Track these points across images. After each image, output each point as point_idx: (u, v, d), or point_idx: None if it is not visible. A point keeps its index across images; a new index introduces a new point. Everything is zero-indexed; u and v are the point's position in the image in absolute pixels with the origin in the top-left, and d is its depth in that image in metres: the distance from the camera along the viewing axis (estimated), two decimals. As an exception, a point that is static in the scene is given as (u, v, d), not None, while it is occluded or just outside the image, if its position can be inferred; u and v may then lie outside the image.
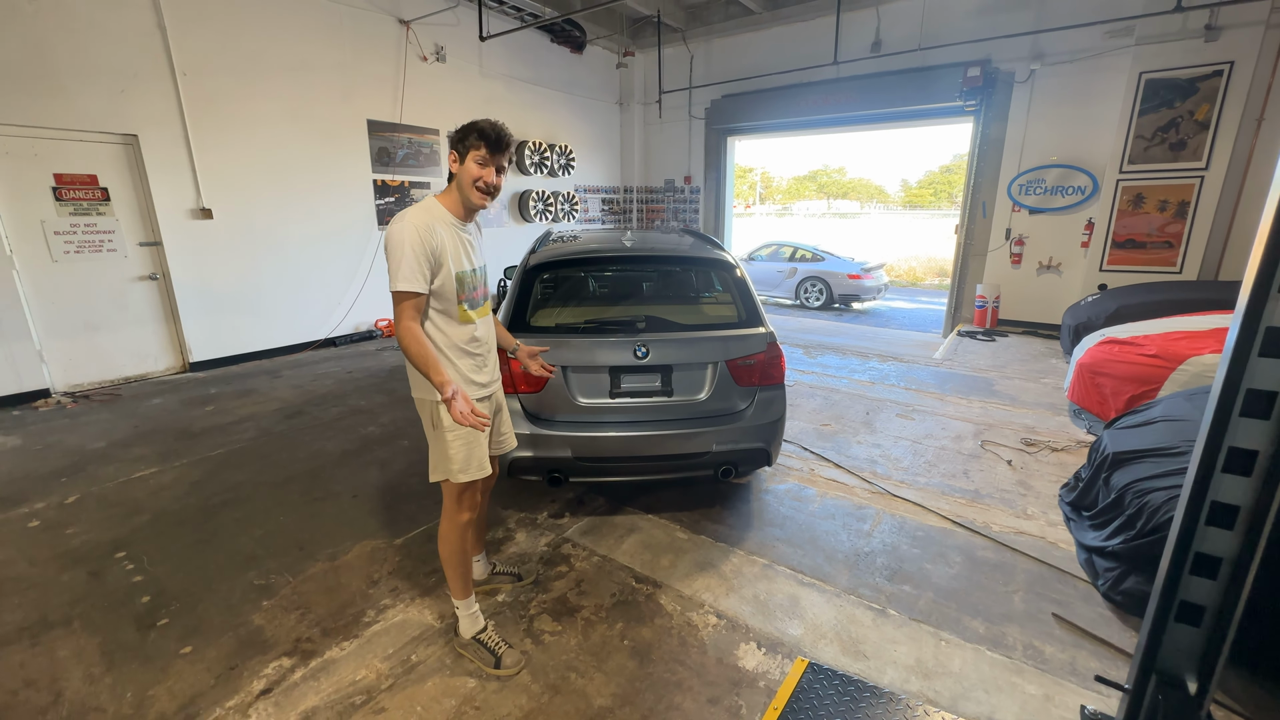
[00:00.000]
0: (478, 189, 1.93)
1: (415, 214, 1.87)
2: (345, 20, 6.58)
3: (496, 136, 1.90)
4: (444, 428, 1.96)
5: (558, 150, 9.36)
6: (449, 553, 2.11)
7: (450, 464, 1.99)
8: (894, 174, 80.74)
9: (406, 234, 1.81)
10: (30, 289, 4.91)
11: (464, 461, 2.00)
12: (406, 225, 1.82)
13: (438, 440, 2.00)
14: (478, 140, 1.89)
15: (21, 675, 2.08)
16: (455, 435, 1.96)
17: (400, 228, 1.82)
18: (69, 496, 3.36)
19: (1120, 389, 4.00)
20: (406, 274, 1.81)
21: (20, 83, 4.61)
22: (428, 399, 1.98)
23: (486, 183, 1.93)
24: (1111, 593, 2.42)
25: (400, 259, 1.81)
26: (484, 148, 1.89)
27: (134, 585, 2.58)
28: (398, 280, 1.82)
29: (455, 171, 1.93)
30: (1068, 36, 6.72)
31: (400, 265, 1.81)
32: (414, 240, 1.81)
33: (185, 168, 5.58)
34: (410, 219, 1.84)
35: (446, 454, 1.99)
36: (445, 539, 2.11)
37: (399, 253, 1.81)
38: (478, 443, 2.02)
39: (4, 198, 4.70)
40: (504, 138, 1.93)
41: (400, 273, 1.81)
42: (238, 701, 1.98)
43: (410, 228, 1.82)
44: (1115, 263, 6.80)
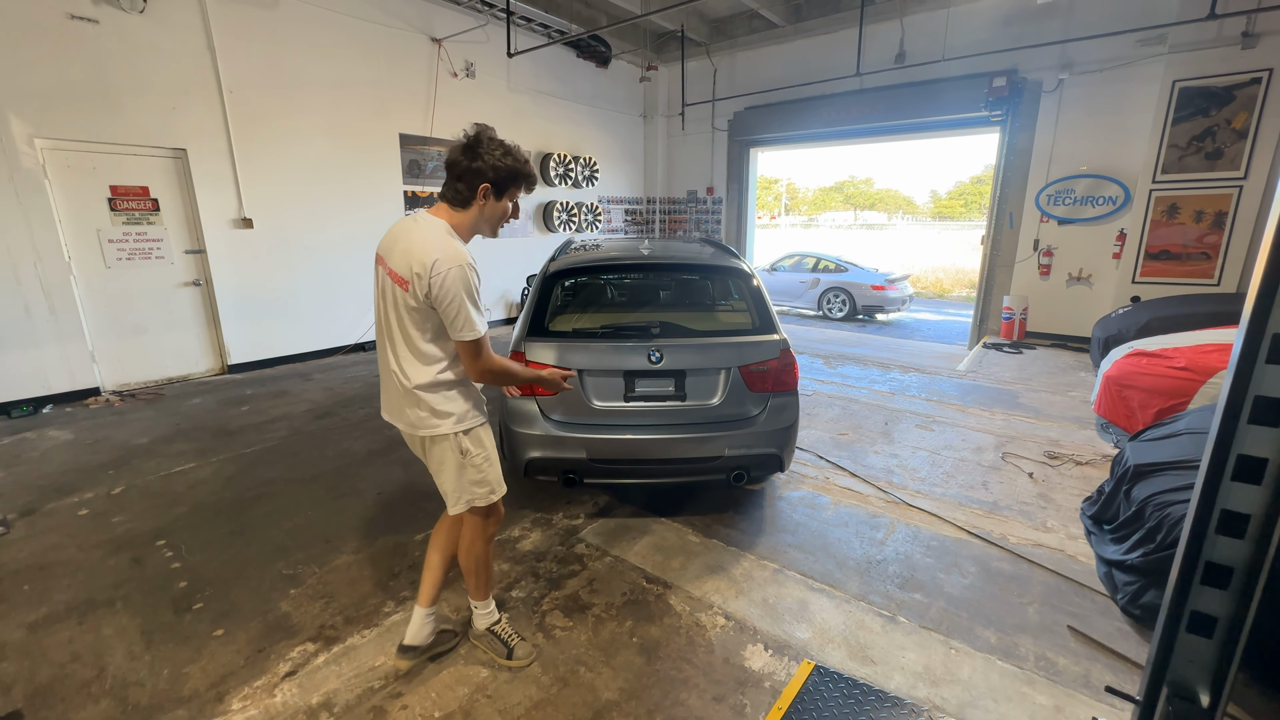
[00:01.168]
0: (503, 224, 1.93)
1: (460, 251, 1.75)
2: (381, 39, 6.88)
3: (535, 181, 1.91)
4: (473, 452, 1.93)
5: (582, 162, 9.55)
6: (477, 562, 2.11)
7: (487, 485, 1.98)
8: (923, 185, 79.66)
9: (471, 280, 1.73)
10: (85, 293, 5.22)
11: (498, 481, 2.02)
12: (465, 269, 1.72)
13: (468, 468, 1.94)
14: (523, 184, 1.87)
15: (70, 650, 2.23)
16: (483, 458, 1.96)
17: (462, 273, 1.71)
18: (115, 488, 3.56)
19: (1148, 402, 3.90)
20: (479, 318, 1.77)
21: (83, 101, 4.95)
22: (450, 432, 1.89)
23: (515, 216, 1.94)
24: (1130, 606, 2.38)
25: (469, 304, 1.74)
26: (524, 189, 1.88)
27: (172, 571, 2.73)
28: (475, 327, 1.76)
29: (484, 204, 1.83)
30: (1098, 45, 6.63)
31: (472, 311, 1.75)
32: (475, 281, 1.75)
33: (229, 180, 5.89)
34: (462, 259, 1.73)
35: (482, 478, 1.97)
36: (471, 551, 2.09)
37: (468, 299, 1.73)
38: (498, 457, 2.05)
39: (65, 208, 5.03)
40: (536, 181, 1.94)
41: (474, 319, 1.75)
42: (264, 682, 2.08)
43: (469, 271, 1.73)
44: (1149, 274, 6.62)
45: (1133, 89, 6.60)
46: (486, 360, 1.83)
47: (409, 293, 1.75)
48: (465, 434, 1.91)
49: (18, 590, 2.58)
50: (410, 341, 1.83)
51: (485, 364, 1.83)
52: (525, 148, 7.25)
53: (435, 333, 1.82)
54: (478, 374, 1.84)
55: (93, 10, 4.91)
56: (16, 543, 2.96)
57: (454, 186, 1.81)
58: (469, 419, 1.92)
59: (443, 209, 1.85)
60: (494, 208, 1.85)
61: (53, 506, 3.33)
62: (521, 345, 2.94)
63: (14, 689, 2.04)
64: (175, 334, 5.83)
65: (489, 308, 8.85)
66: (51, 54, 4.76)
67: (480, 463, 1.95)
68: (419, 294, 1.73)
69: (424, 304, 1.75)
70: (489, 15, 7.71)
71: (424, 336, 1.82)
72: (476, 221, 1.86)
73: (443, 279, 1.70)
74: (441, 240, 1.75)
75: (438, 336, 1.83)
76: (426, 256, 1.70)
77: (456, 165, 1.79)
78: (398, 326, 1.83)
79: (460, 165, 1.78)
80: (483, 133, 1.79)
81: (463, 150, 1.78)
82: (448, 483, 1.97)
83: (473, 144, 1.77)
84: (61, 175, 4.98)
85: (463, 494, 1.97)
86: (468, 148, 1.77)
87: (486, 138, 1.79)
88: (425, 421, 1.88)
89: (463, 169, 1.78)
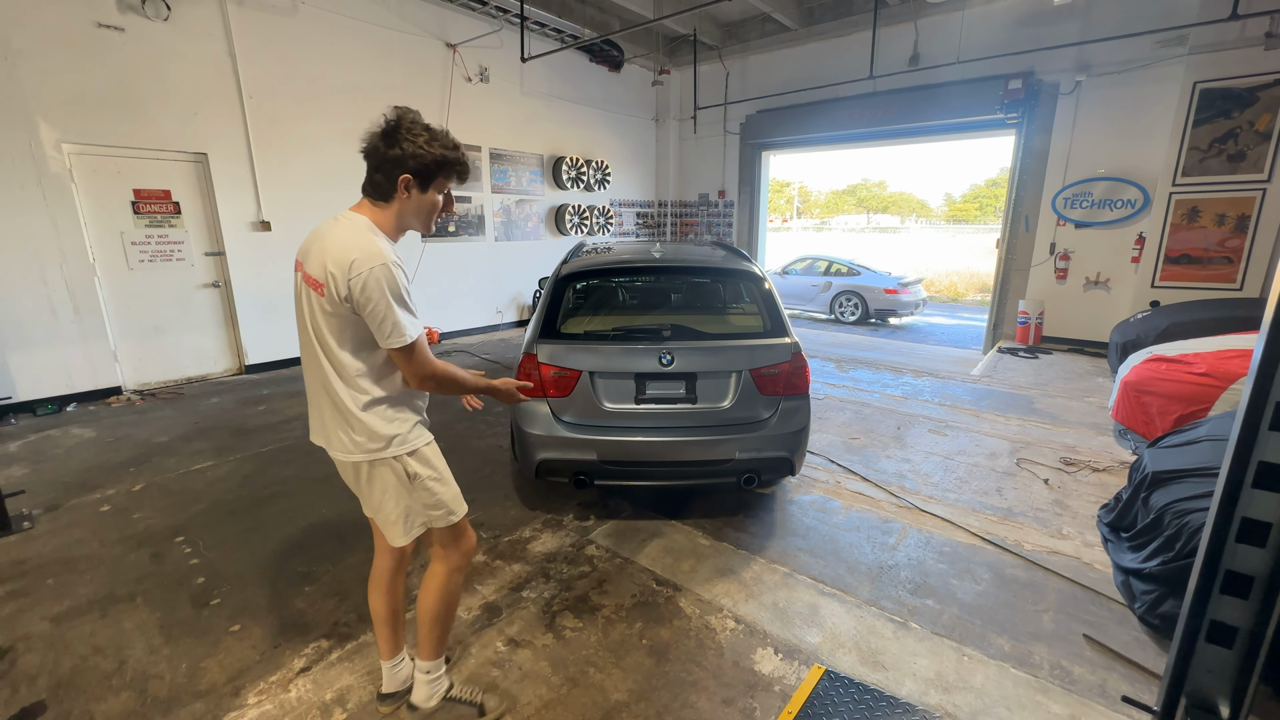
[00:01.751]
0: (435, 221, 1.73)
1: (380, 249, 1.54)
2: (397, 45, 6.98)
3: (468, 169, 1.70)
4: (424, 476, 1.72)
5: (594, 165, 9.60)
6: (447, 603, 1.85)
7: (443, 507, 1.77)
8: (937, 188, 78.88)
9: (396, 279, 1.54)
10: (108, 294, 5.34)
11: (453, 500, 1.80)
12: (388, 268, 1.52)
13: (416, 492, 1.73)
14: (453, 173, 1.66)
15: (91, 643, 2.28)
16: (434, 474, 1.74)
17: (384, 273, 1.51)
18: (136, 485, 3.64)
19: (1167, 408, 3.84)
20: (409, 321, 1.57)
21: (109, 107, 5.08)
22: (390, 454, 1.67)
23: (450, 210, 1.73)
24: (1148, 616, 2.34)
25: (396, 306, 1.53)
26: (455, 179, 1.68)
27: (191, 567, 2.78)
28: (404, 331, 1.55)
29: (408, 197, 1.61)
30: (1116, 47, 6.55)
31: (400, 313, 1.54)
32: (401, 279, 1.56)
33: (248, 183, 6.00)
34: (383, 257, 1.52)
35: (437, 500, 1.75)
36: (443, 590, 1.83)
37: (394, 301, 1.53)
38: (451, 476, 1.83)
39: (90, 211, 5.16)
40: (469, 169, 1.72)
41: (403, 323, 1.55)
42: (279, 677, 2.11)
43: (393, 270, 1.53)
44: (1169, 278, 6.51)
45: (1152, 91, 6.50)
46: (423, 365, 1.62)
47: (325, 297, 1.55)
48: (410, 455, 1.70)
49: (42, 584, 2.64)
50: (332, 354, 1.61)
51: (422, 369, 1.62)
52: (537, 151, 7.31)
53: (359, 343, 1.60)
54: (418, 382, 1.64)
55: (119, 19, 5.04)
56: (41, 537, 3.03)
57: (372, 179, 1.61)
58: (413, 438, 1.71)
59: (365, 204, 1.64)
60: (420, 201, 1.62)
61: (76, 502, 3.41)
62: (534, 347, 2.96)
63: (38, 680, 2.09)
64: (194, 334, 5.94)
65: (501, 310, 8.92)
66: (79, 61, 4.89)
67: (432, 484, 1.74)
68: (336, 297, 1.53)
69: (343, 309, 1.54)
70: (503, 21, 7.79)
71: (347, 347, 1.60)
72: (401, 217, 1.64)
73: (363, 281, 1.49)
74: (360, 238, 1.54)
75: (363, 347, 1.61)
76: (344, 256, 1.50)
77: (374, 154, 1.58)
78: (317, 338, 1.62)
79: (378, 154, 1.57)
80: (404, 116, 1.58)
81: (381, 136, 1.56)
82: (392, 509, 1.73)
83: (391, 130, 1.56)
84: (87, 179, 5.11)
85: (415, 517, 1.76)
86: (386, 134, 1.56)
87: (408, 122, 1.57)
88: (361, 445, 1.66)
89: (380, 158, 1.57)
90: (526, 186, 8.87)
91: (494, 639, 2.31)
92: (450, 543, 1.83)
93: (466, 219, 8.17)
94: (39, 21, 4.66)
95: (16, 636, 2.31)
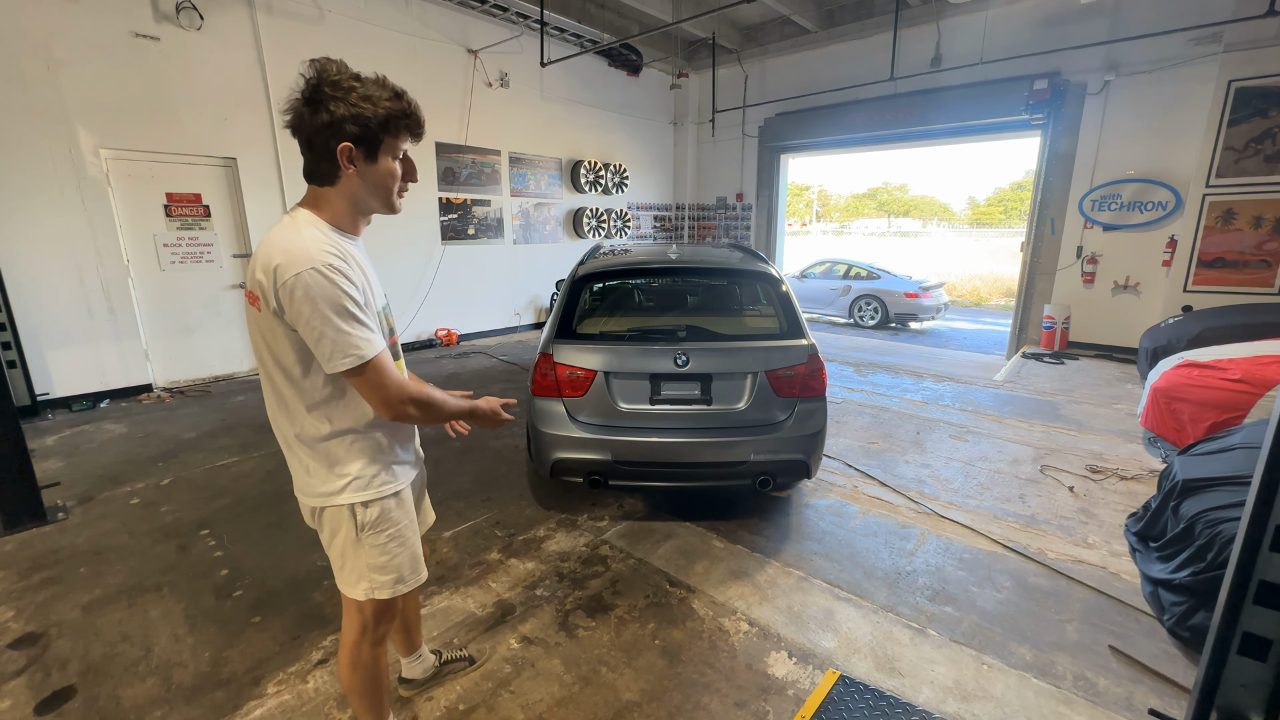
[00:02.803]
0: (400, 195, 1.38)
1: (309, 249, 1.22)
2: (419, 51, 7.11)
3: (420, 119, 1.35)
4: (378, 528, 1.44)
5: (612, 169, 9.65)
6: (363, 680, 1.58)
7: (393, 572, 1.48)
8: (961, 191, 77.70)
9: (332, 284, 1.22)
10: (141, 295, 5.51)
11: (408, 567, 1.51)
12: (319, 272, 1.21)
13: (363, 548, 1.45)
14: (401, 129, 1.30)
15: (120, 631, 2.35)
16: (390, 536, 1.46)
17: (314, 279, 1.20)
18: (164, 479, 3.74)
19: (1200, 415, 3.72)
20: (358, 334, 1.24)
21: (144, 114, 5.25)
22: (346, 503, 1.40)
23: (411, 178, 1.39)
24: (1178, 628, 2.26)
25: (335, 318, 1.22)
26: (410, 139, 1.34)
27: (215, 560, 2.85)
28: (350, 348, 1.23)
29: (353, 171, 1.28)
30: (1146, 45, 6.39)
31: (341, 326, 1.22)
32: (341, 282, 1.23)
33: (275, 187, 6.15)
34: (311, 260, 1.21)
35: (379, 563, 1.46)
36: (356, 663, 1.56)
37: (331, 312, 1.21)
38: (416, 538, 1.56)
39: (125, 214, 5.33)
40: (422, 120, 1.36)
41: (348, 338, 1.23)
42: (298, 668, 2.15)
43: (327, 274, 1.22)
44: (1202, 283, 6.31)
45: (1185, 90, 6.33)
46: (386, 389, 1.29)
47: (259, 310, 1.29)
48: (365, 506, 1.41)
49: (75, 573, 2.73)
50: (271, 378, 1.35)
51: (388, 393, 1.29)
52: (556, 155, 7.39)
53: (298, 360, 1.31)
54: (388, 410, 1.31)
55: (155, 29, 5.22)
56: (74, 528, 3.13)
57: (308, 157, 1.29)
58: (375, 483, 1.42)
59: (310, 193, 1.34)
60: (371, 174, 1.30)
61: (107, 495, 3.52)
62: (549, 347, 2.98)
63: (69, 665, 2.16)
64: (222, 334, 6.10)
65: (519, 312, 8.99)
66: (117, 70, 5.06)
67: (384, 542, 1.45)
68: (268, 310, 1.26)
69: (278, 325, 1.26)
70: (523, 26, 7.89)
71: (295, 370, 1.32)
72: (355, 198, 1.32)
73: (289, 290, 1.20)
74: (290, 237, 1.25)
75: (304, 365, 1.32)
76: (269, 261, 1.22)
77: (300, 126, 1.25)
78: (261, 360, 1.37)
79: (305, 125, 1.24)
80: (325, 69, 1.22)
81: (304, 102, 1.23)
82: (337, 558, 1.48)
83: (313, 90, 1.22)
84: (123, 183, 5.29)
85: (359, 578, 1.46)
86: (309, 98, 1.22)
87: (333, 75, 1.22)
88: (311, 487, 1.41)
89: (310, 130, 1.24)
90: (545, 190, 8.95)
91: (507, 636, 2.32)
92: (368, 616, 1.52)
93: (485, 222, 8.26)
94: (79, 32, 4.85)
95: (50, 622, 2.39)
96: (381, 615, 1.54)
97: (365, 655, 1.56)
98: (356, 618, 1.54)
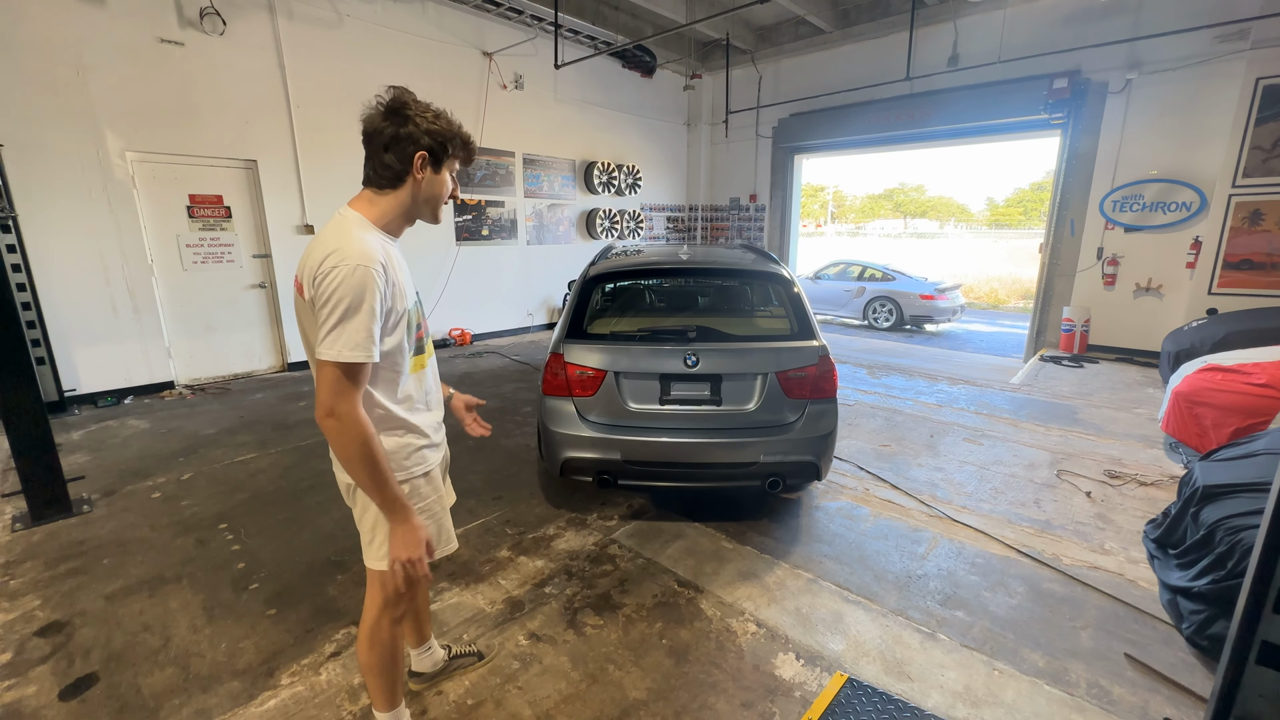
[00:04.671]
0: (444, 205, 1.56)
1: (366, 249, 1.33)
2: (435, 54, 7.20)
3: (472, 146, 1.55)
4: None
5: (625, 170, 9.67)
6: (380, 657, 1.63)
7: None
8: (979, 192, 76.63)
9: (371, 285, 1.30)
10: (164, 294, 5.65)
11: (436, 538, 1.60)
12: (367, 271, 1.30)
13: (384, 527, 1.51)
14: (461, 150, 1.50)
15: (141, 620, 2.41)
16: (422, 510, 1.55)
17: (363, 275, 1.29)
18: (185, 474, 3.83)
19: (1223, 421, 3.63)
20: (357, 337, 1.29)
21: (168, 117, 5.38)
22: None
23: (455, 196, 1.57)
24: (1196, 637, 2.22)
25: (353, 313, 1.29)
26: (463, 160, 1.52)
27: (232, 553, 2.91)
28: (346, 344, 1.29)
29: (416, 180, 1.45)
30: (1171, 43, 6.26)
31: (348, 322, 1.29)
32: (375, 290, 1.31)
33: (294, 189, 6.26)
34: (366, 259, 1.31)
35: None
36: (376, 640, 1.61)
37: (352, 307, 1.29)
38: (444, 512, 1.65)
39: (150, 215, 5.47)
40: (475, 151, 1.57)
41: (349, 335, 1.29)
42: (311, 660, 2.19)
43: (372, 274, 1.31)
44: (1227, 285, 6.16)
45: (1210, 88, 6.19)
46: (339, 401, 1.31)
47: (306, 301, 1.38)
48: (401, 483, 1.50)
49: (98, 564, 2.81)
50: (312, 360, 1.44)
51: (337, 404, 1.31)
52: (570, 156, 7.45)
53: None
54: (322, 413, 1.32)
55: (179, 34, 5.34)
56: (98, 520, 3.22)
57: (380, 160, 1.43)
58: (406, 465, 1.53)
59: (364, 197, 1.47)
60: (432, 182, 1.47)
61: (130, 489, 3.61)
62: (560, 347, 3.01)
63: (92, 653, 2.22)
64: (241, 333, 6.22)
65: (532, 313, 9.05)
66: (143, 75, 5.20)
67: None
68: (309, 300, 1.36)
69: (313, 309, 1.36)
70: (538, 29, 7.95)
71: None
72: (412, 203, 1.47)
73: (326, 277, 1.29)
74: (346, 234, 1.35)
75: None
76: (323, 252, 1.32)
77: (380, 134, 1.41)
78: (304, 341, 1.47)
79: (385, 134, 1.40)
80: (406, 94, 1.43)
81: (386, 115, 1.41)
82: (368, 531, 1.56)
83: (398, 106, 1.41)
84: (148, 185, 5.42)
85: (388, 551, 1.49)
86: (392, 110, 1.41)
87: (412, 99, 1.44)
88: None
89: (389, 137, 1.40)
90: (558, 191, 9.00)
91: (516, 633, 2.34)
92: (391, 591, 1.57)
93: (499, 223, 8.33)
94: (107, 38, 4.99)
95: (74, 611, 2.46)
96: (402, 593, 1.60)
97: (384, 633, 1.62)
98: (378, 594, 1.60)
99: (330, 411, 1.31)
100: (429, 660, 2.07)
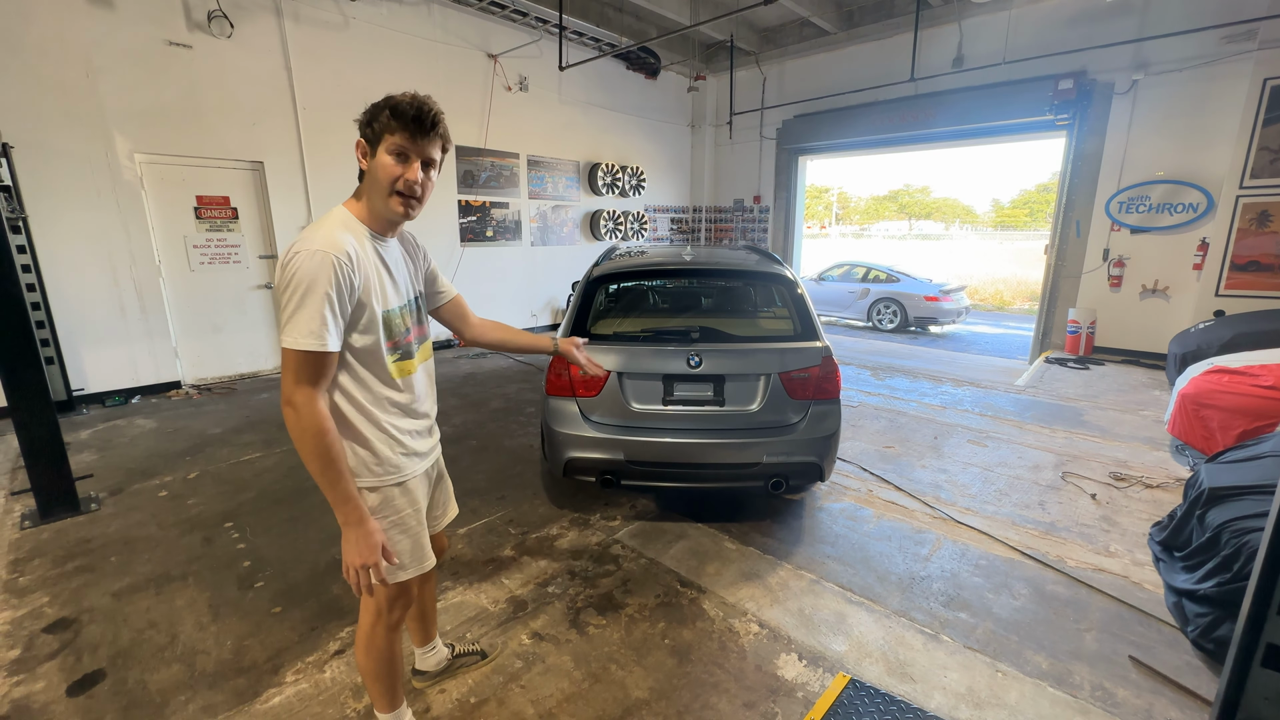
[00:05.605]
0: (398, 194, 1.36)
1: (331, 238, 1.29)
2: (441, 57, 7.23)
3: (416, 113, 1.32)
4: (379, 514, 1.48)
5: (629, 171, 9.69)
6: (377, 663, 1.62)
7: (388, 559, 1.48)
8: (984, 193, 76.33)
9: (330, 271, 1.25)
10: (171, 295, 5.69)
11: (409, 554, 1.54)
12: (325, 256, 1.25)
13: None
14: (391, 120, 1.31)
15: (147, 618, 2.43)
16: (392, 523, 1.50)
17: (321, 260, 1.25)
18: (191, 473, 3.86)
19: (1230, 423, 3.61)
20: (312, 325, 1.25)
21: (176, 119, 5.43)
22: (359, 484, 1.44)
23: (409, 183, 1.36)
24: (1202, 640, 2.21)
25: (310, 299, 1.24)
26: (401, 133, 1.32)
27: (238, 551, 2.93)
28: (303, 332, 1.24)
29: (365, 168, 1.38)
30: (1177, 43, 6.24)
31: (302, 309, 1.24)
32: (332, 277, 1.26)
33: (300, 190, 6.31)
34: (328, 246, 1.27)
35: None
36: (370, 647, 1.60)
37: (310, 293, 1.24)
38: (422, 528, 1.59)
39: (157, 216, 5.51)
40: (426, 115, 1.34)
41: (306, 322, 1.24)
42: (315, 658, 2.21)
43: (332, 261, 1.26)
44: (1235, 287, 6.13)
45: (1217, 88, 6.16)
46: (296, 389, 1.27)
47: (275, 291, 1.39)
48: (371, 491, 1.47)
49: (106, 561, 2.83)
50: None
51: (293, 394, 1.27)
52: (574, 157, 7.51)
53: None
54: (282, 401, 1.30)
55: (188, 37, 5.39)
56: (106, 519, 3.25)
57: None
58: (379, 471, 1.47)
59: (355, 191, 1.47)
60: (372, 170, 1.36)
61: (138, 487, 3.64)
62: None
63: (100, 650, 2.24)
64: (247, 333, 6.26)
65: (536, 313, 9.07)
66: (151, 77, 5.24)
67: (385, 528, 1.48)
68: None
69: None
70: (542, 31, 7.98)
71: None
72: (370, 195, 1.39)
73: (289, 264, 1.26)
74: (320, 225, 1.35)
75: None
76: (293, 241, 1.31)
77: None
78: None
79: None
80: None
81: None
82: None
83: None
84: (156, 187, 5.47)
85: None
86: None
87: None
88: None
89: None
90: (563, 192, 9.03)
91: (519, 632, 2.35)
92: (380, 600, 1.56)
93: (504, 224, 8.36)
94: (117, 41, 5.03)
95: (82, 609, 2.48)
96: (394, 601, 1.58)
97: (379, 640, 1.61)
98: (371, 602, 1.58)
99: (287, 400, 1.28)
100: (433, 659, 2.08)
